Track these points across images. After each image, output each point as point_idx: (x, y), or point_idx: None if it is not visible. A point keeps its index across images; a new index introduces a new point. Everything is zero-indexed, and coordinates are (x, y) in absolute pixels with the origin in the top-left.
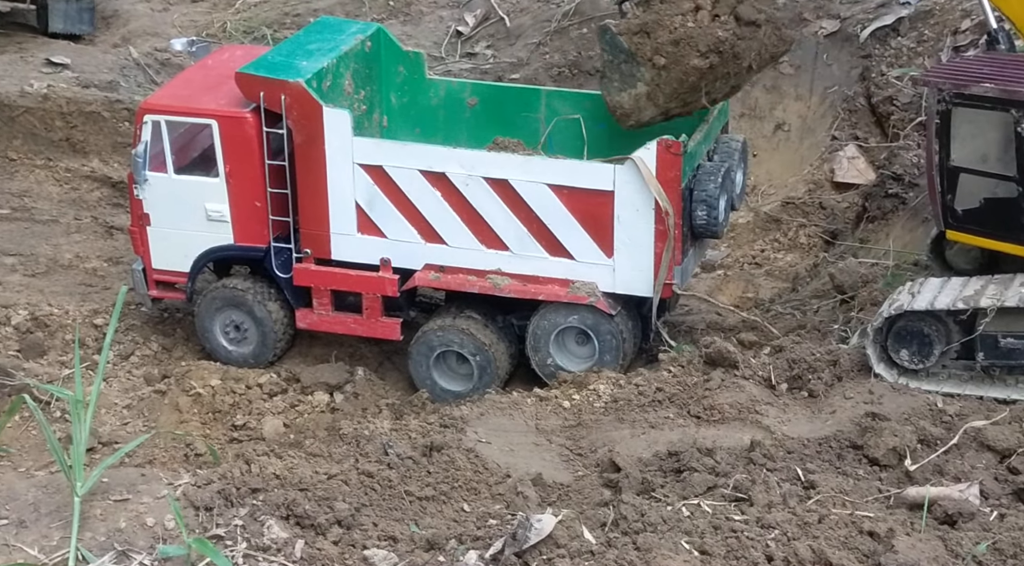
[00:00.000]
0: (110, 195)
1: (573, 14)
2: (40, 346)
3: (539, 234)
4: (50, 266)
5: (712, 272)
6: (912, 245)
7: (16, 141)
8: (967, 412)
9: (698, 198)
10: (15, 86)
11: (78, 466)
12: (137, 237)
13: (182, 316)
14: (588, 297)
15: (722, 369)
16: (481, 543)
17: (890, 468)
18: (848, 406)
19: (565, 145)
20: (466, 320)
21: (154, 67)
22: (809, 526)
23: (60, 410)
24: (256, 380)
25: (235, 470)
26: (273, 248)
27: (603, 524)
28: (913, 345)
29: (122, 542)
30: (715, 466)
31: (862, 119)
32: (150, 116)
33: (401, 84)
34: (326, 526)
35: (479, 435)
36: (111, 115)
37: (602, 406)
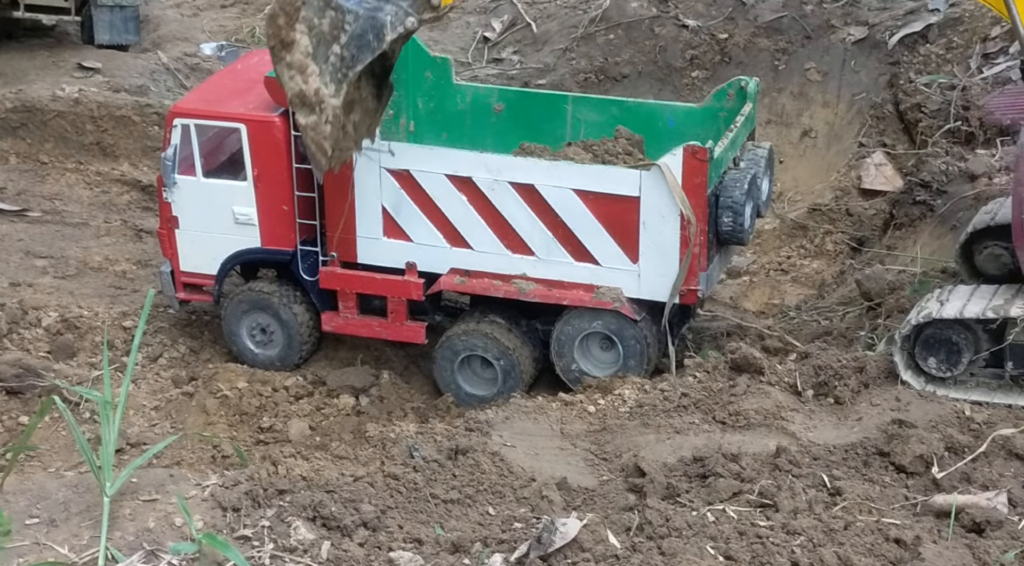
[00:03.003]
0: (140, 198)
1: (600, 20)
2: (70, 348)
3: (564, 239)
4: (80, 268)
5: (738, 278)
6: (939, 252)
7: (47, 145)
8: (995, 420)
9: (724, 204)
10: (47, 90)
11: (107, 467)
12: (165, 240)
13: (209, 319)
14: (613, 302)
15: (748, 375)
16: (506, 546)
17: (917, 475)
18: (875, 413)
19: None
20: (490, 324)
21: (184, 72)
22: (835, 533)
23: (89, 411)
24: (282, 383)
25: (262, 471)
26: (300, 251)
27: (628, 529)
28: (941, 353)
29: (151, 542)
30: (740, 472)
31: (890, 126)
32: (179, 120)
33: (428, 89)
34: (352, 528)
35: (504, 439)
36: (141, 119)
37: (627, 411)
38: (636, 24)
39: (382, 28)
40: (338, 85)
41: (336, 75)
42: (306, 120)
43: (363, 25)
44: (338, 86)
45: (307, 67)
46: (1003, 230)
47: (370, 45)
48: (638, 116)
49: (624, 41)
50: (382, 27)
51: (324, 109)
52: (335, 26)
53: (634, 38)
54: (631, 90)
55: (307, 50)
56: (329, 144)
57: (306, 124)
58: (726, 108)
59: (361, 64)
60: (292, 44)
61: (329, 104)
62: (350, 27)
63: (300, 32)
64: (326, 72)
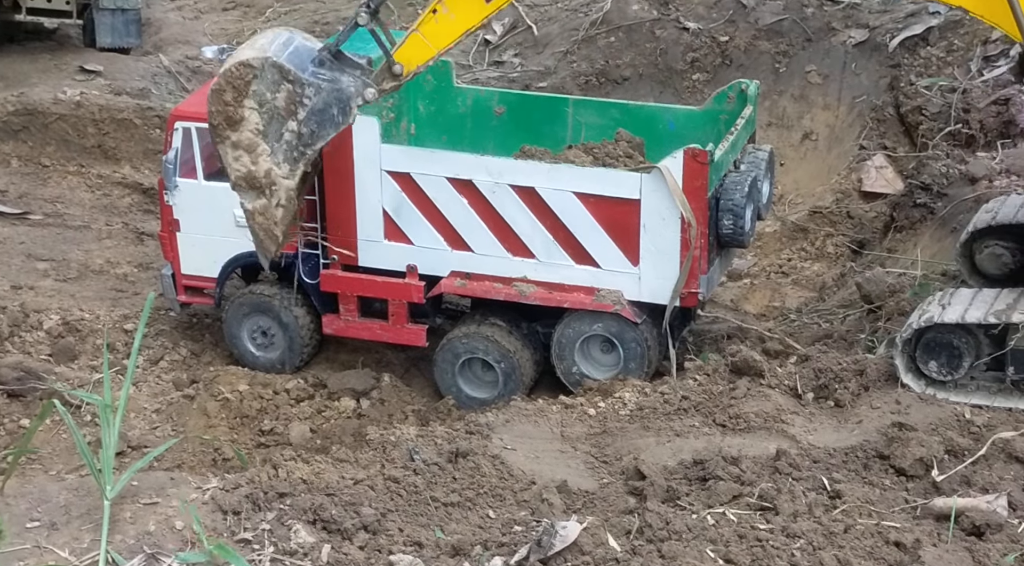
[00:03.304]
0: (141, 201)
1: (600, 23)
2: (71, 350)
3: (565, 242)
4: (81, 271)
5: (739, 281)
6: (940, 255)
7: (49, 147)
8: (995, 423)
9: (724, 207)
10: (49, 93)
11: (108, 470)
12: (167, 243)
13: (210, 321)
14: (613, 305)
15: (748, 378)
16: (506, 549)
17: (917, 478)
18: (875, 416)
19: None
20: (491, 327)
21: (185, 75)
22: (835, 536)
23: (90, 414)
24: (283, 385)
25: (263, 475)
26: (301, 254)
27: (628, 532)
28: (942, 357)
29: (151, 545)
30: (740, 475)
31: (890, 129)
32: (181, 123)
33: (429, 92)
34: (352, 531)
35: (504, 442)
36: (142, 122)
37: (627, 414)
38: (637, 27)
39: (348, 101)
40: (293, 164)
41: (291, 154)
42: (253, 204)
43: (326, 98)
44: (293, 166)
45: (257, 146)
46: (1004, 229)
47: (334, 119)
48: (639, 119)
49: (625, 44)
50: (348, 100)
51: (276, 191)
52: (292, 101)
53: (635, 41)
54: (632, 93)
55: (257, 128)
56: (280, 230)
57: (253, 208)
58: (727, 111)
59: (323, 141)
60: (240, 121)
61: (282, 186)
62: (310, 101)
63: (249, 108)
64: (279, 151)
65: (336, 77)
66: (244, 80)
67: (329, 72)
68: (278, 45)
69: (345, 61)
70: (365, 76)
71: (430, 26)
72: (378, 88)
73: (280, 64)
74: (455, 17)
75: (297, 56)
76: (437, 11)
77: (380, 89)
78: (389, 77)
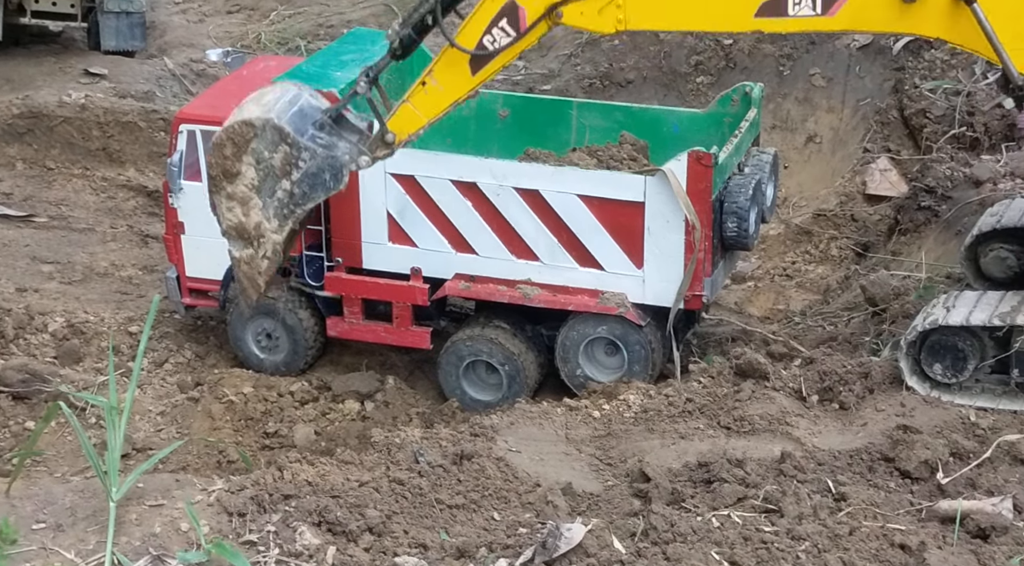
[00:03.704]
0: (146, 204)
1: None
2: (76, 353)
3: (569, 244)
4: (86, 274)
5: (743, 284)
6: (944, 258)
7: (54, 150)
8: (1000, 426)
9: (728, 210)
10: (53, 96)
11: (113, 472)
12: (171, 245)
13: (215, 324)
14: (618, 308)
15: (752, 380)
16: (511, 551)
17: (922, 481)
18: (879, 418)
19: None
20: (495, 330)
21: (190, 78)
22: (840, 538)
23: (95, 416)
24: (288, 388)
25: (268, 477)
26: (305, 257)
27: (633, 534)
28: (947, 359)
29: (157, 547)
30: (745, 477)
31: (895, 131)
32: (185, 126)
33: None
34: (357, 533)
35: (509, 444)
36: (147, 125)
37: (632, 416)
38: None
39: (340, 168)
40: (282, 221)
41: (282, 211)
42: (240, 253)
43: (320, 164)
44: (282, 222)
45: (250, 200)
46: (1009, 233)
47: (325, 184)
48: (643, 122)
49: (629, 47)
50: (340, 167)
51: (263, 244)
52: (288, 162)
53: (639, 44)
54: (636, 96)
55: (252, 183)
56: (263, 279)
57: (240, 257)
58: (731, 114)
59: (312, 202)
60: (237, 175)
61: (270, 239)
62: (304, 164)
63: (247, 164)
64: (270, 207)
65: (333, 143)
66: (244, 138)
67: (327, 137)
68: (283, 103)
69: (345, 126)
70: (361, 143)
71: (420, 97)
72: (372, 156)
73: (280, 126)
74: (443, 89)
75: (300, 117)
76: (426, 83)
77: (374, 156)
78: (382, 145)
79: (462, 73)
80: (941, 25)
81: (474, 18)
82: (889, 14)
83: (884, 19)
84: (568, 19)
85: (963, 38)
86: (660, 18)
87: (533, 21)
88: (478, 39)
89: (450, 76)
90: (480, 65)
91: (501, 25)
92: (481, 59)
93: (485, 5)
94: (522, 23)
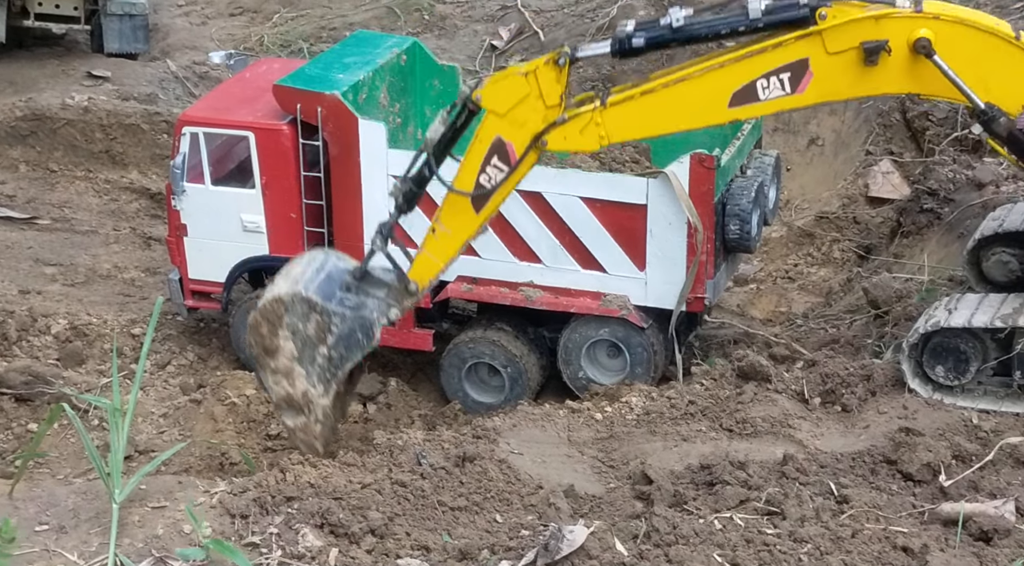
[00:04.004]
0: (148, 206)
1: (607, 28)
2: (79, 355)
3: (572, 247)
4: (89, 276)
5: (745, 286)
6: (947, 260)
7: (57, 153)
8: (1003, 428)
9: (731, 212)
10: (57, 99)
11: (116, 473)
12: (174, 247)
13: (218, 326)
14: (620, 310)
15: (755, 383)
16: (513, 554)
17: (924, 484)
18: (882, 421)
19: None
20: (497, 332)
21: (192, 80)
22: (842, 541)
23: (98, 418)
24: None
25: (270, 479)
26: None
27: (635, 536)
28: (949, 361)
29: (159, 549)
30: (747, 479)
31: (897, 134)
32: (188, 128)
33: (436, 97)
34: (360, 535)
35: (511, 446)
36: (150, 127)
37: (634, 418)
38: None
39: (371, 326)
40: (326, 385)
41: (324, 375)
42: (294, 422)
43: (351, 325)
44: (326, 386)
45: (293, 371)
46: (1011, 237)
47: (359, 343)
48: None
49: None
50: (371, 325)
51: (313, 409)
52: (321, 329)
53: None
54: None
55: (292, 354)
56: (321, 443)
57: (294, 426)
58: None
59: (351, 362)
60: (276, 350)
61: (319, 405)
62: (337, 328)
63: (284, 338)
64: (313, 373)
65: (361, 302)
66: (277, 314)
67: (355, 297)
68: (310, 273)
69: (371, 282)
70: (389, 297)
71: (432, 244)
72: (400, 307)
73: (308, 297)
74: (452, 233)
75: (328, 283)
76: (436, 230)
77: (403, 307)
78: (407, 295)
79: (467, 214)
80: (905, 81)
81: (467, 161)
82: (855, 81)
83: (851, 86)
84: (553, 145)
85: (929, 88)
86: (640, 128)
87: (522, 153)
88: (475, 180)
89: (457, 220)
90: (482, 203)
91: (493, 163)
92: (482, 197)
93: (475, 147)
94: (512, 157)
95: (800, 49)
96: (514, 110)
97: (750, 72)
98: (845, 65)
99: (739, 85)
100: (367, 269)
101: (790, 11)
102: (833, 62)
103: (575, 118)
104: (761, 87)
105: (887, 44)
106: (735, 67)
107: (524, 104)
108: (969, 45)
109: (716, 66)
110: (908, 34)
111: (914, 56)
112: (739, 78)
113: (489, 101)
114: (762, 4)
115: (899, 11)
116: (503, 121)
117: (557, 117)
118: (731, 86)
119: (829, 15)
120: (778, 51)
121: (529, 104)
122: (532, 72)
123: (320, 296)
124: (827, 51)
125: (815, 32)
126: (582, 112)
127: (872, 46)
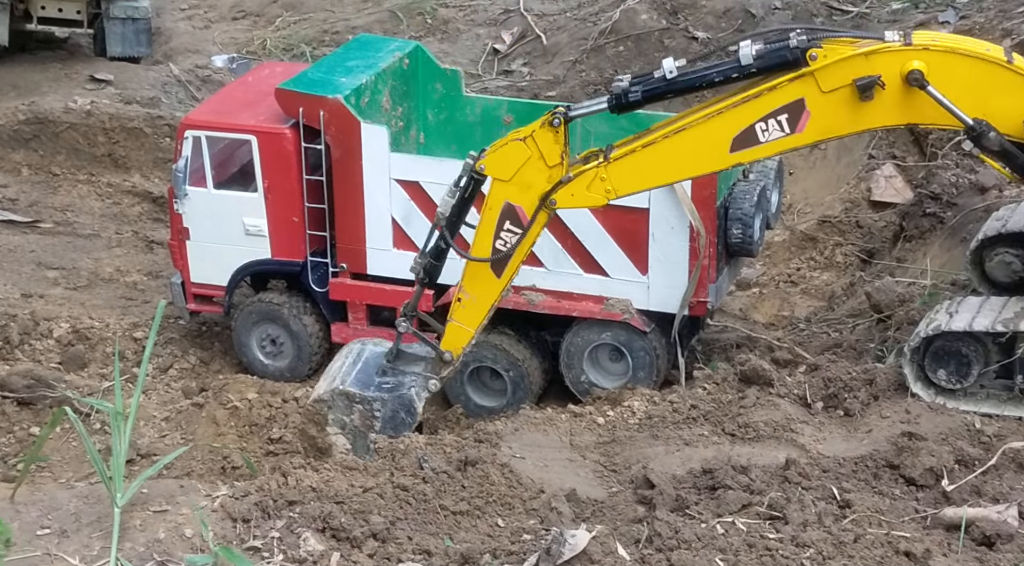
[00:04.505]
0: (151, 210)
1: (609, 32)
2: (81, 359)
3: (574, 251)
4: (91, 279)
5: (747, 290)
6: (949, 264)
7: (60, 156)
8: (1005, 433)
9: (733, 216)
10: (59, 102)
11: (118, 477)
12: (176, 251)
13: (220, 330)
14: (622, 314)
15: (757, 387)
16: (515, 558)
17: (927, 488)
18: (884, 425)
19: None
20: (500, 336)
21: (195, 84)
22: (844, 545)
23: (100, 422)
24: (292, 394)
25: (272, 482)
26: (310, 262)
27: (637, 541)
28: (951, 365)
29: (161, 553)
30: (750, 484)
31: (900, 138)
32: (191, 132)
33: (438, 101)
34: (361, 539)
35: (513, 450)
36: (153, 131)
37: (636, 423)
38: (646, 36)
39: (411, 403)
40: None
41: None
42: None
43: (393, 406)
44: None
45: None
46: (1014, 237)
47: (404, 421)
48: (647, 128)
49: (634, 53)
50: (411, 402)
51: None
52: (366, 417)
53: (644, 50)
54: None
55: (345, 448)
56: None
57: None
58: None
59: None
60: (329, 447)
61: None
62: (380, 412)
63: (333, 434)
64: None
65: (399, 382)
66: (321, 414)
67: (393, 378)
68: (347, 367)
69: (406, 360)
70: (426, 370)
71: (460, 313)
72: (439, 378)
73: (345, 391)
74: (477, 299)
75: (364, 371)
76: (461, 299)
77: (441, 378)
78: (443, 365)
79: (489, 280)
80: (902, 113)
81: (481, 229)
82: (852, 117)
83: (849, 122)
84: (562, 203)
85: (926, 118)
86: (644, 179)
87: (532, 215)
88: (491, 246)
89: (480, 286)
90: (501, 267)
91: (506, 227)
92: (500, 262)
93: (486, 215)
94: (523, 219)
95: (795, 90)
96: (518, 174)
97: (748, 116)
98: (841, 102)
99: (738, 130)
100: (400, 348)
101: (781, 54)
102: (829, 100)
103: (581, 175)
104: (760, 130)
105: (880, 79)
106: (733, 113)
107: (527, 167)
108: (962, 73)
109: (714, 113)
110: (900, 67)
111: (907, 88)
112: (738, 123)
113: (493, 169)
114: (753, 50)
115: (889, 46)
116: (509, 186)
117: (562, 176)
118: (731, 132)
119: (820, 55)
120: (773, 94)
121: (532, 166)
122: (530, 136)
123: (357, 386)
124: (821, 90)
125: (808, 73)
126: (587, 169)
127: (865, 82)
